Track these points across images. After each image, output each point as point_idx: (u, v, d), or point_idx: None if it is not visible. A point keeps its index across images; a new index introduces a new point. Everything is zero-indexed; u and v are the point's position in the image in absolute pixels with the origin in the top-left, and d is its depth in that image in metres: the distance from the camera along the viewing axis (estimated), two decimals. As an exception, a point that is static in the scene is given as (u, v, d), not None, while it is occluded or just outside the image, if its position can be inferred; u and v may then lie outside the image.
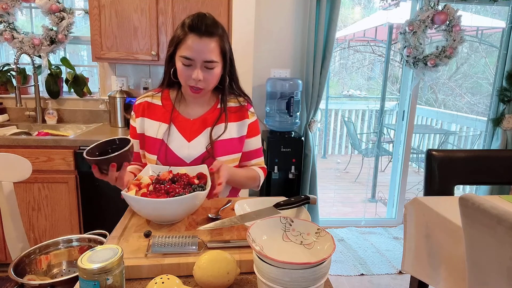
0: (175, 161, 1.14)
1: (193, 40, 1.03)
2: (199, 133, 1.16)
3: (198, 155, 1.15)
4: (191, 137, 1.16)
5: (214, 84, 1.13)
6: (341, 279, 2.33)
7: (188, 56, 1.04)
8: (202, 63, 1.05)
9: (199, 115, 1.19)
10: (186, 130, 1.17)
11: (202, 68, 1.06)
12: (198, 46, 1.03)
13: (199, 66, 1.05)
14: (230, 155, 1.18)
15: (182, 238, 0.78)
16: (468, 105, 5.93)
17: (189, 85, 1.09)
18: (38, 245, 0.81)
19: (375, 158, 4.03)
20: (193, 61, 1.05)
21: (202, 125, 1.17)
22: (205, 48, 1.04)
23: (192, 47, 1.03)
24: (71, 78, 2.48)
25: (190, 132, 1.17)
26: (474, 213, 0.67)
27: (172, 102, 1.19)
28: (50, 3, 2.31)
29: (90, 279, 0.57)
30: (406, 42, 2.68)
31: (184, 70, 1.07)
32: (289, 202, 0.93)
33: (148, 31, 2.19)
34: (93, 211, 2.11)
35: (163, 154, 1.15)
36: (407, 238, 1.21)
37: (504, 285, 0.64)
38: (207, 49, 1.04)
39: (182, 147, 1.15)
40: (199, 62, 1.05)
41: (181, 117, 1.19)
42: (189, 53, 1.04)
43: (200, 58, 1.04)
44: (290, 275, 0.57)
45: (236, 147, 1.20)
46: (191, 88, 1.09)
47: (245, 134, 1.21)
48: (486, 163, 1.48)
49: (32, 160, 1.85)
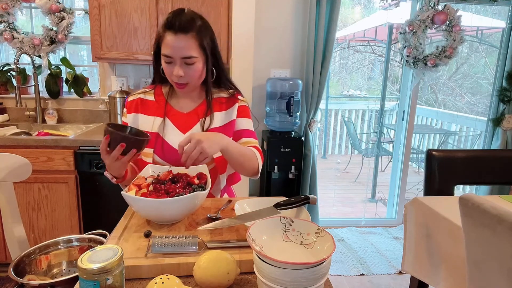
0: (171, 153, 1.17)
1: (170, 38, 1.06)
2: (193, 125, 1.20)
3: None
4: (186, 129, 1.19)
5: (197, 78, 1.14)
6: (341, 279, 2.33)
7: (167, 54, 1.07)
8: (181, 59, 1.07)
9: (192, 108, 1.23)
10: (181, 123, 1.20)
11: (182, 65, 1.08)
12: (174, 43, 1.05)
13: (178, 62, 1.08)
14: None
15: (182, 238, 0.78)
16: (468, 105, 5.93)
17: (173, 81, 1.12)
18: (38, 245, 0.81)
19: (375, 158, 4.03)
20: (172, 58, 1.08)
21: (195, 117, 1.21)
22: (181, 44, 1.06)
23: (169, 45, 1.06)
24: (71, 78, 2.48)
25: (184, 125, 1.20)
26: (474, 213, 0.67)
27: (165, 97, 1.23)
28: (50, 3, 2.31)
29: (90, 279, 0.57)
30: (406, 42, 2.68)
31: (166, 68, 1.10)
32: (289, 202, 0.93)
33: (148, 31, 2.19)
34: (93, 211, 2.11)
35: (160, 147, 1.18)
36: (407, 238, 1.21)
37: (504, 285, 0.64)
38: (184, 46, 1.06)
39: (178, 140, 1.16)
40: (177, 59, 1.07)
41: (175, 110, 1.22)
42: (167, 51, 1.07)
43: (178, 55, 1.06)
44: (290, 275, 0.57)
45: (229, 132, 1.22)
46: (176, 84, 1.13)
47: (234, 118, 1.23)
48: (486, 163, 1.48)
49: (32, 160, 1.85)
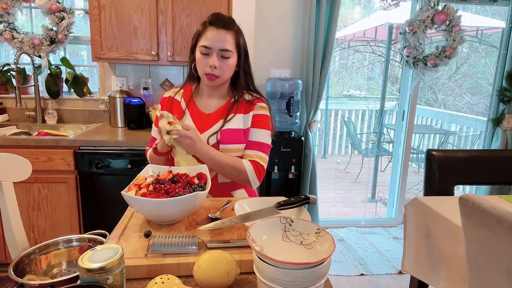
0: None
1: (211, 32, 1.16)
2: (212, 125, 1.23)
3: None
4: (203, 130, 1.22)
5: (228, 74, 1.21)
6: (341, 279, 2.33)
7: (206, 45, 1.16)
8: (218, 51, 1.16)
9: (215, 109, 1.26)
10: (200, 124, 1.23)
11: (218, 57, 1.16)
12: (215, 36, 1.15)
13: (215, 54, 1.16)
14: (235, 144, 1.23)
15: (182, 238, 0.78)
16: (468, 105, 5.93)
17: (205, 73, 1.18)
18: (38, 245, 0.81)
19: (375, 158, 4.03)
20: (210, 49, 1.16)
21: (216, 118, 1.24)
22: (222, 38, 1.16)
23: (209, 37, 1.16)
24: (71, 78, 2.48)
25: (202, 126, 1.23)
26: (474, 213, 0.67)
27: (192, 95, 1.29)
28: (50, 3, 2.31)
29: (90, 278, 0.57)
30: (406, 42, 2.68)
31: (202, 59, 1.17)
32: (289, 202, 0.93)
33: (148, 31, 2.19)
34: (93, 211, 2.11)
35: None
36: (407, 238, 1.21)
37: (504, 285, 0.64)
38: (223, 39, 1.16)
39: None
40: (215, 50, 1.16)
41: (198, 109, 1.27)
42: (207, 42, 1.16)
43: (217, 46, 1.15)
44: (290, 275, 0.57)
45: (241, 138, 1.24)
46: (207, 76, 1.18)
47: (249, 126, 1.25)
48: (486, 163, 1.48)
49: (32, 160, 1.85)
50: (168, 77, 2.59)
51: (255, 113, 1.26)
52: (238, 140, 1.23)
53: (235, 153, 1.23)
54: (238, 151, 1.24)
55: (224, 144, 1.21)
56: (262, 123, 1.26)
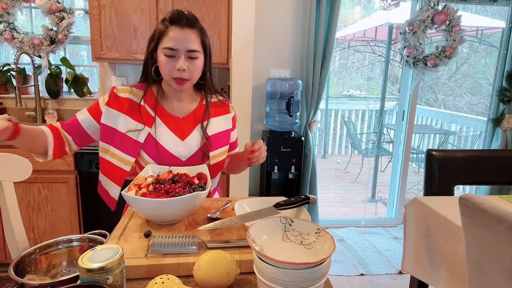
0: (169, 158, 1.15)
1: (175, 31, 1.06)
2: (191, 130, 1.19)
3: (193, 152, 1.18)
4: (184, 135, 1.17)
5: (197, 76, 1.14)
6: (341, 279, 2.33)
7: (171, 47, 1.06)
8: (186, 52, 1.07)
9: (188, 112, 1.21)
10: (178, 129, 1.17)
11: (186, 58, 1.08)
12: (180, 36, 1.06)
13: (182, 56, 1.07)
14: (222, 147, 1.24)
15: (182, 238, 0.78)
16: (468, 105, 5.93)
17: (173, 77, 1.09)
18: (38, 245, 0.81)
19: (375, 158, 4.03)
20: (176, 51, 1.07)
21: (193, 122, 1.20)
22: (188, 37, 1.07)
23: (174, 38, 1.06)
24: (71, 78, 2.48)
25: (182, 131, 1.17)
26: (474, 213, 0.67)
27: (156, 99, 1.18)
28: (50, 3, 2.31)
29: (90, 278, 0.57)
30: (406, 42, 2.68)
31: (167, 62, 1.08)
32: (289, 202, 0.93)
33: (148, 31, 2.19)
34: (93, 211, 2.11)
35: (155, 151, 1.14)
36: (407, 238, 1.21)
37: (504, 285, 0.64)
38: (190, 39, 1.07)
39: (177, 146, 1.16)
40: (182, 51, 1.07)
41: (168, 114, 1.18)
42: (172, 43, 1.06)
43: (183, 47, 1.06)
44: (290, 275, 0.57)
45: (224, 140, 1.26)
46: (175, 80, 1.09)
47: (230, 128, 1.29)
48: (486, 163, 1.48)
49: (32, 160, 1.85)
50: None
51: (232, 115, 1.30)
52: (223, 142, 1.25)
53: (221, 157, 1.24)
54: (224, 154, 1.26)
55: (213, 150, 1.20)
56: (235, 123, 1.33)
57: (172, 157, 1.15)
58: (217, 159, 1.22)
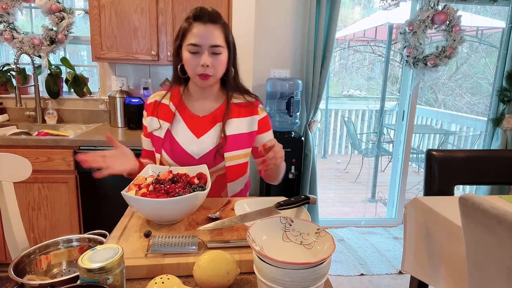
0: (180, 154, 1.16)
1: (198, 28, 1.07)
2: (209, 129, 1.18)
3: (207, 150, 1.16)
4: (200, 133, 1.18)
5: (222, 71, 1.14)
6: (341, 279, 2.33)
7: (195, 43, 1.07)
8: (209, 48, 1.08)
9: (209, 111, 1.20)
10: (195, 127, 1.18)
11: (210, 54, 1.08)
12: (204, 32, 1.07)
13: (206, 51, 1.08)
14: (238, 150, 1.19)
15: (182, 238, 0.78)
16: (468, 105, 5.93)
17: (197, 74, 1.10)
18: (38, 245, 0.81)
19: (375, 158, 4.03)
20: (200, 47, 1.08)
21: (212, 121, 1.19)
22: (211, 33, 1.07)
23: (198, 34, 1.07)
24: (71, 78, 2.48)
25: (199, 129, 1.18)
26: (474, 213, 0.67)
27: (181, 97, 1.22)
28: (50, 3, 2.31)
29: (90, 278, 0.57)
30: (406, 42, 2.68)
31: (191, 59, 1.09)
32: (289, 202, 0.93)
33: (148, 31, 2.19)
34: (93, 211, 2.11)
35: (168, 145, 1.17)
36: (407, 238, 1.21)
37: (504, 285, 0.64)
38: (213, 34, 1.08)
39: (190, 143, 1.17)
40: (206, 47, 1.08)
41: (190, 112, 1.20)
42: (195, 39, 1.07)
43: (207, 43, 1.07)
44: (290, 275, 0.57)
45: (245, 143, 1.20)
46: (199, 76, 1.10)
47: (255, 130, 1.22)
48: (486, 163, 1.48)
49: (32, 160, 1.85)
50: (168, 77, 2.59)
51: (260, 118, 1.23)
52: (241, 145, 1.19)
53: (240, 160, 1.19)
54: (243, 157, 1.20)
55: (228, 152, 1.16)
56: (267, 125, 1.26)
57: (185, 154, 1.16)
58: (234, 161, 1.18)
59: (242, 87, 1.24)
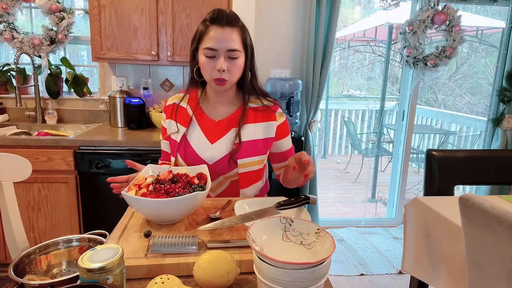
0: (193, 158, 1.15)
1: (215, 31, 1.05)
2: (224, 134, 1.15)
3: (221, 156, 1.14)
4: (215, 139, 1.15)
5: (238, 76, 1.12)
6: (341, 279, 2.33)
7: (211, 47, 1.05)
8: (226, 52, 1.06)
9: (225, 116, 1.18)
10: (210, 132, 1.16)
11: (226, 58, 1.06)
12: (220, 36, 1.05)
13: (222, 56, 1.06)
14: (253, 157, 1.16)
15: (182, 238, 0.78)
16: (468, 105, 5.93)
17: (213, 78, 1.08)
18: (38, 245, 0.81)
19: (375, 158, 4.03)
20: (216, 51, 1.05)
21: (227, 126, 1.16)
22: (228, 37, 1.05)
23: (214, 37, 1.05)
24: (71, 78, 2.48)
25: (213, 134, 1.16)
26: (474, 213, 0.67)
27: (198, 101, 1.20)
28: (50, 3, 2.31)
29: (90, 278, 0.57)
30: (406, 42, 2.68)
31: (208, 62, 1.07)
32: (289, 202, 0.93)
33: (148, 31, 2.19)
34: (93, 211, 2.11)
35: (183, 148, 1.16)
36: (407, 238, 1.21)
37: (504, 285, 0.64)
38: (230, 38, 1.05)
39: (204, 149, 1.15)
40: (222, 51, 1.05)
41: (206, 117, 1.18)
42: (212, 43, 1.05)
43: (223, 47, 1.05)
44: (290, 275, 0.57)
45: (260, 149, 1.17)
46: (215, 81, 1.08)
47: (272, 137, 1.19)
48: (486, 163, 1.48)
49: (32, 160, 1.85)
50: (168, 77, 2.59)
51: (279, 124, 1.19)
52: (256, 152, 1.16)
53: (253, 167, 1.16)
54: (258, 164, 1.17)
55: (242, 158, 1.14)
56: (286, 130, 1.23)
57: (199, 159, 1.14)
58: (247, 168, 1.15)
59: (260, 91, 1.21)
